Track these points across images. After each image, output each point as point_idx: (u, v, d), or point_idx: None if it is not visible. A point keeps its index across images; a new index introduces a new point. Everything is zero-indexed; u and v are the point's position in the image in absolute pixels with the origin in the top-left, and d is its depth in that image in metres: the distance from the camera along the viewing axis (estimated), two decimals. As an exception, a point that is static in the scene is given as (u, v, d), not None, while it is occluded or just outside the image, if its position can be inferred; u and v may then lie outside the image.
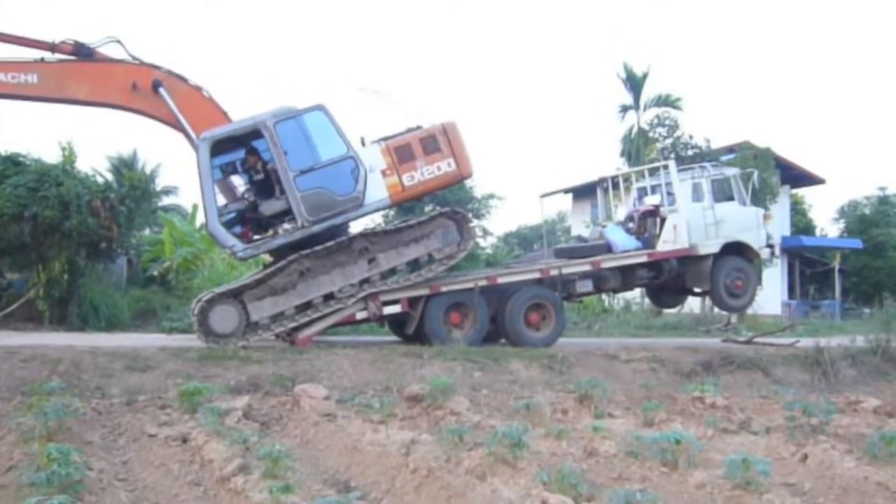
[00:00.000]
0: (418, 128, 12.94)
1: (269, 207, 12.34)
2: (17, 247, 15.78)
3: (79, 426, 7.83)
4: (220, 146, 12.19)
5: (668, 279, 14.77)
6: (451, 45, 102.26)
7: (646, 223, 14.85)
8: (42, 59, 11.79)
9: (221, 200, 12.70)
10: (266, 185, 12.57)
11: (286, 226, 12.16)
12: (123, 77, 11.95)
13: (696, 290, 15.93)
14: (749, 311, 19.78)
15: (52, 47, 11.84)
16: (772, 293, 29.83)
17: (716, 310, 20.60)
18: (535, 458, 6.71)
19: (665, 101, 31.59)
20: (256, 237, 12.40)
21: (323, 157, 12.16)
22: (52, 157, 16.93)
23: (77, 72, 11.85)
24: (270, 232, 12.37)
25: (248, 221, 12.66)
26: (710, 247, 14.54)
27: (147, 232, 25.76)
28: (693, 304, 22.34)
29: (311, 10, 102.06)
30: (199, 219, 21.39)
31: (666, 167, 15.62)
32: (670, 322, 21.82)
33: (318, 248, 12.09)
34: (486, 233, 39.98)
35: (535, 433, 7.65)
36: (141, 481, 6.59)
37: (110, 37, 12.05)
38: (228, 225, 12.44)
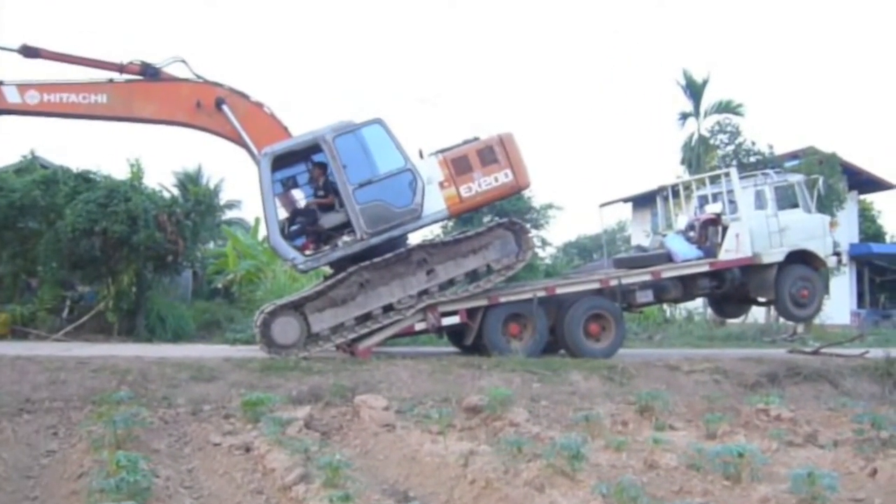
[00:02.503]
0: (475, 139, 12.98)
1: (328, 220, 12.53)
2: (87, 260, 16.31)
3: (146, 435, 8.07)
4: (280, 161, 12.43)
5: (731, 289, 14.46)
6: (508, 54, 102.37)
7: (707, 232, 14.59)
8: (111, 80, 12.20)
9: (282, 214, 12.97)
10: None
11: (346, 238, 12.31)
12: (188, 96, 12.28)
13: (761, 299, 15.59)
14: (816, 320, 19.30)
15: (121, 68, 12.25)
16: (840, 302, 29.05)
17: (781, 320, 20.13)
18: (595, 470, 6.65)
19: (726, 107, 30.88)
20: (308, 252, 12.51)
21: (381, 170, 12.29)
22: (121, 173, 17.54)
23: (144, 91, 12.24)
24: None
25: (310, 234, 12.86)
26: (775, 255, 14.22)
27: (211, 245, 26.35)
28: (758, 314, 21.82)
29: (370, 22, 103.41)
30: (262, 232, 21.83)
31: (727, 174, 15.33)
32: (734, 332, 21.35)
33: (377, 259, 12.20)
34: (544, 243, 39.74)
35: (594, 445, 7.59)
36: (205, 489, 6.76)
37: (175, 56, 12.39)
38: (290, 237, 12.67)
